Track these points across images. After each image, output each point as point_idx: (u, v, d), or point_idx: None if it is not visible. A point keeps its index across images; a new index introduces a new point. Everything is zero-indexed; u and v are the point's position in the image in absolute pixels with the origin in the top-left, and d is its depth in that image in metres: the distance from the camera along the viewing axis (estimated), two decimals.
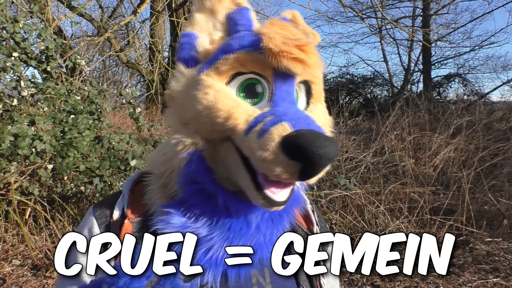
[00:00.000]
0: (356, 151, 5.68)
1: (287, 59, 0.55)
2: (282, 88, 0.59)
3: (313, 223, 0.76)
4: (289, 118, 0.53)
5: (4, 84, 3.35)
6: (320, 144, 0.49)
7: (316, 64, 0.58)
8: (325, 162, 0.50)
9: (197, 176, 0.61)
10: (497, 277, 2.87)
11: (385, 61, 12.68)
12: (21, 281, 2.82)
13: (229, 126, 0.57)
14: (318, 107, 0.67)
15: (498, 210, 3.82)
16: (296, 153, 0.49)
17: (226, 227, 0.60)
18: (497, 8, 10.99)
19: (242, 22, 0.65)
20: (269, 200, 0.55)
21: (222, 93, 0.58)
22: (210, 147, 0.62)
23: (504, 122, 6.66)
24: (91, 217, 0.69)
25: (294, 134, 0.50)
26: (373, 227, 3.73)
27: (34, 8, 3.63)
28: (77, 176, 3.33)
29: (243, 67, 0.59)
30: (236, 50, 0.59)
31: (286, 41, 0.55)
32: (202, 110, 0.59)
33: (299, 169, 0.51)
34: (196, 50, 0.65)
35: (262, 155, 0.52)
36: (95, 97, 3.55)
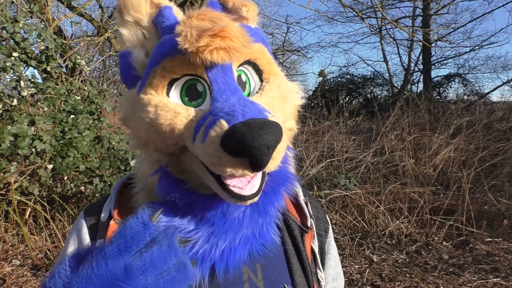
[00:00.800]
0: (356, 151, 5.68)
1: (208, 53, 0.52)
2: (218, 81, 0.57)
3: (306, 216, 0.74)
4: (225, 113, 0.52)
5: (4, 84, 3.35)
6: (254, 135, 0.47)
7: (242, 44, 0.54)
8: (265, 151, 0.48)
9: (169, 192, 0.61)
10: (497, 277, 2.87)
11: (385, 61, 12.69)
12: (21, 281, 2.82)
13: (177, 137, 0.57)
14: (271, 82, 0.64)
15: (498, 210, 3.82)
16: (236, 151, 0.48)
17: (209, 223, 0.61)
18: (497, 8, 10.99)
19: (166, 24, 0.62)
20: (238, 196, 0.54)
21: (160, 107, 0.57)
22: (174, 159, 0.62)
23: (504, 122, 6.66)
24: (81, 220, 0.70)
25: (229, 132, 0.49)
26: (373, 227, 3.73)
27: (34, 8, 3.63)
28: (77, 176, 3.33)
29: (174, 73, 0.58)
30: (160, 60, 0.58)
31: (201, 34, 0.52)
32: (149, 129, 0.59)
33: (248, 163, 0.49)
34: (133, 68, 0.64)
35: (208, 160, 0.52)
36: (95, 97, 3.55)
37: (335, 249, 0.82)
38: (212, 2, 0.67)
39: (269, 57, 0.66)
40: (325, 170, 4.95)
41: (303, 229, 0.72)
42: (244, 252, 0.62)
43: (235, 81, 0.59)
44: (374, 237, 3.59)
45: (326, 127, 6.76)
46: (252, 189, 0.55)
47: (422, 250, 3.39)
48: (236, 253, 0.61)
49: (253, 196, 0.55)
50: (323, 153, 5.58)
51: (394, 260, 3.24)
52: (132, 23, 0.65)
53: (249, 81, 0.63)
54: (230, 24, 0.55)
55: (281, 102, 0.63)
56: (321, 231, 0.78)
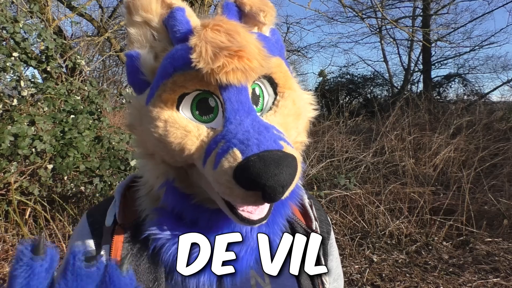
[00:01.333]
0: (356, 151, 5.68)
1: (225, 74, 0.50)
2: (232, 100, 0.54)
3: (311, 219, 0.74)
4: (239, 141, 0.49)
5: (4, 84, 3.35)
6: (270, 174, 0.46)
7: (260, 64, 0.52)
8: (280, 190, 0.47)
9: (175, 206, 0.61)
10: (497, 277, 2.87)
11: (385, 61, 12.69)
12: None
13: (186, 157, 0.55)
14: (286, 97, 0.61)
15: (498, 210, 3.82)
16: (250, 185, 0.47)
17: (218, 233, 0.60)
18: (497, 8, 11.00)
19: (177, 28, 0.58)
20: (247, 221, 0.54)
21: (170, 122, 0.55)
22: (181, 173, 0.61)
23: (504, 122, 6.66)
24: (85, 224, 0.69)
25: (244, 165, 0.47)
26: (373, 227, 3.73)
27: (34, 8, 3.63)
28: (77, 176, 3.34)
29: (185, 88, 0.55)
30: (172, 73, 0.55)
31: (217, 53, 0.49)
32: (157, 144, 0.57)
33: (261, 196, 0.48)
34: (141, 72, 0.61)
35: (220, 189, 0.51)
36: (95, 97, 3.55)
37: (336, 251, 0.83)
38: (228, 4, 0.64)
39: (286, 69, 0.63)
40: (325, 170, 4.95)
41: (308, 232, 0.71)
42: (251, 259, 0.62)
43: (250, 100, 0.56)
44: (374, 237, 3.59)
45: (326, 127, 6.76)
46: (261, 214, 0.55)
47: (422, 250, 3.39)
48: (244, 261, 0.61)
49: (262, 220, 0.55)
50: (323, 153, 5.58)
51: (394, 260, 3.24)
52: (141, 23, 0.62)
53: (263, 95, 0.61)
54: (248, 41, 0.52)
55: (295, 119, 0.61)
56: (324, 233, 0.78)
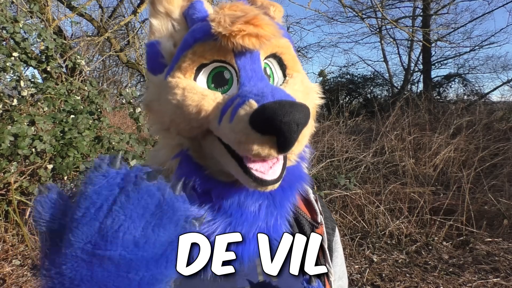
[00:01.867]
0: (356, 151, 5.68)
1: (240, 38, 0.54)
2: (246, 68, 0.58)
3: (316, 212, 0.75)
4: (254, 95, 0.53)
5: (4, 84, 3.35)
6: (284, 111, 0.48)
7: (272, 33, 0.56)
8: (294, 128, 0.49)
9: (188, 176, 0.60)
10: (497, 277, 2.87)
11: (385, 61, 12.69)
12: (21, 281, 2.82)
13: (203, 119, 0.58)
14: (295, 77, 0.65)
15: (498, 210, 3.82)
16: (265, 127, 0.49)
17: (228, 213, 0.61)
18: (497, 8, 10.99)
19: (196, 15, 0.64)
20: (260, 181, 0.54)
21: (188, 89, 0.58)
22: (195, 144, 0.64)
23: (504, 122, 6.66)
24: None
25: (260, 109, 0.49)
26: (373, 227, 3.73)
27: (34, 8, 3.64)
28: (77, 176, 3.34)
29: (204, 58, 0.59)
30: (192, 44, 0.59)
31: (235, 20, 0.54)
32: (175, 111, 0.60)
33: (275, 142, 0.50)
34: (161, 56, 0.65)
35: (236, 138, 0.52)
36: (95, 97, 3.55)
37: (341, 248, 0.84)
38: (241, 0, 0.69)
39: (294, 54, 0.67)
40: (325, 170, 4.95)
41: (313, 225, 0.73)
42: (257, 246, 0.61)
43: (262, 70, 0.60)
44: (374, 237, 3.59)
45: (326, 127, 6.76)
46: (274, 175, 0.55)
47: (422, 250, 3.39)
48: (250, 246, 0.61)
49: (274, 182, 0.55)
50: (323, 153, 5.58)
51: (394, 260, 3.24)
52: (163, 14, 0.67)
53: (273, 75, 0.65)
54: (262, 14, 0.57)
55: (304, 96, 0.64)
56: (329, 229, 0.79)
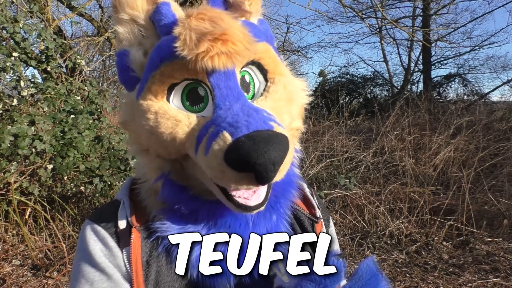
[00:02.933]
0: (356, 151, 5.68)
1: (210, 59, 0.50)
2: (221, 86, 0.55)
3: (314, 207, 0.74)
4: (228, 124, 0.50)
5: (4, 84, 3.35)
6: (259, 153, 0.45)
7: (245, 47, 0.52)
8: (271, 168, 0.46)
9: (173, 199, 0.60)
10: (497, 277, 2.87)
11: (385, 61, 12.69)
12: (21, 281, 2.82)
13: (179, 146, 0.55)
14: (277, 82, 0.61)
15: (498, 210, 3.82)
16: (241, 166, 0.47)
17: (226, 225, 0.60)
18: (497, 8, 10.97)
19: (163, 22, 0.59)
20: (244, 207, 0.53)
21: (160, 114, 0.55)
22: (177, 165, 0.61)
23: (504, 122, 6.66)
24: (97, 228, 0.65)
25: (233, 146, 0.47)
26: (373, 227, 3.73)
27: (34, 8, 3.63)
28: (77, 176, 3.34)
29: (173, 78, 0.55)
30: (159, 64, 0.55)
31: (201, 38, 0.49)
32: (149, 137, 0.57)
33: (254, 177, 0.48)
34: (131, 70, 0.61)
35: (212, 173, 0.50)
36: (95, 97, 3.55)
37: (335, 236, 0.84)
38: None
39: (274, 55, 0.63)
40: (325, 170, 4.95)
41: (313, 220, 0.73)
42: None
43: (239, 85, 0.56)
44: (374, 237, 3.59)
45: (326, 127, 6.76)
46: (258, 199, 0.54)
47: (422, 250, 3.39)
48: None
49: (259, 206, 0.54)
50: (323, 153, 5.58)
51: (394, 260, 3.24)
52: (128, 20, 0.62)
53: (253, 82, 0.61)
54: (231, 26, 0.52)
55: (287, 103, 0.61)
56: (325, 220, 0.79)
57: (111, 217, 0.66)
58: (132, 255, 0.61)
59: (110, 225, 0.65)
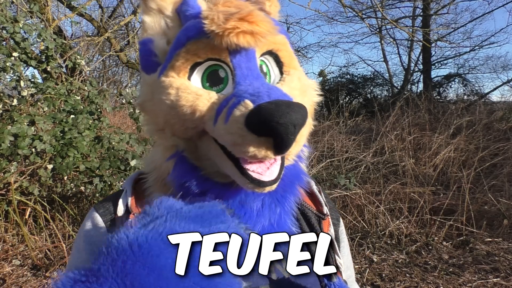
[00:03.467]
0: (356, 151, 5.68)
1: (234, 36, 0.52)
2: (242, 66, 0.57)
3: (321, 204, 0.74)
4: (250, 94, 0.51)
5: (4, 84, 3.35)
6: (281, 113, 0.47)
7: (267, 30, 0.55)
8: (291, 130, 0.47)
9: (184, 178, 0.60)
10: (497, 277, 2.87)
11: (385, 61, 12.68)
12: (21, 281, 2.82)
13: (197, 120, 0.56)
14: (292, 74, 0.63)
15: (498, 210, 3.82)
16: (261, 129, 0.48)
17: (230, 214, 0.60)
18: (497, 8, 10.98)
19: (190, 12, 0.62)
20: (257, 182, 0.53)
21: (182, 89, 0.57)
22: (191, 145, 0.62)
23: (504, 122, 6.66)
24: (94, 213, 0.68)
25: (255, 110, 0.48)
26: (373, 227, 3.73)
27: (34, 8, 3.63)
28: (77, 176, 3.34)
29: (197, 57, 0.57)
30: (185, 42, 0.57)
31: (228, 17, 0.52)
32: (169, 111, 0.58)
33: (272, 143, 0.49)
34: (154, 54, 0.63)
35: (231, 139, 0.51)
36: (95, 97, 3.55)
37: (346, 238, 0.83)
38: None
39: (291, 50, 0.65)
40: (325, 170, 4.95)
41: (320, 217, 0.72)
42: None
43: (258, 68, 0.58)
44: (374, 237, 3.59)
45: (326, 127, 6.76)
46: (271, 176, 0.54)
47: (422, 250, 3.39)
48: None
49: (272, 182, 0.54)
50: (323, 153, 5.58)
51: (394, 260, 3.24)
52: (155, 10, 0.65)
53: (269, 73, 0.63)
54: (257, 10, 0.55)
55: (301, 94, 0.63)
56: (334, 219, 0.78)
57: (111, 204, 0.68)
58: None
59: (108, 211, 0.67)
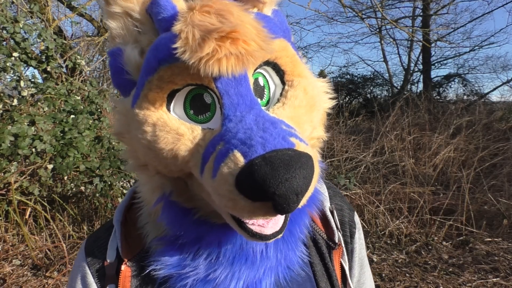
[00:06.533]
0: (356, 151, 5.69)
1: (217, 63, 0.41)
2: (230, 93, 0.46)
3: (333, 230, 0.64)
4: (240, 141, 0.41)
5: (4, 84, 3.35)
6: (279, 180, 0.37)
7: (260, 46, 0.43)
8: (293, 198, 0.39)
9: (174, 225, 0.53)
10: (497, 277, 2.87)
11: (385, 61, 12.68)
12: (21, 281, 2.82)
13: (182, 165, 0.47)
14: (296, 86, 0.52)
15: (498, 210, 3.83)
16: (256, 195, 0.39)
17: (229, 262, 0.52)
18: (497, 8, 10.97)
19: (162, 15, 0.49)
20: (259, 236, 0.45)
21: (159, 126, 0.46)
22: (179, 184, 0.53)
23: (504, 122, 6.66)
24: (83, 263, 0.61)
25: (247, 170, 0.39)
26: (373, 227, 3.73)
27: (34, 8, 3.64)
28: (77, 176, 3.34)
29: (174, 84, 0.46)
30: (157, 68, 0.46)
31: (206, 37, 0.41)
32: (147, 152, 0.49)
33: (272, 207, 0.39)
34: (126, 71, 0.51)
35: (222, 202, 0.42)
36: (95, 97, 3.56)
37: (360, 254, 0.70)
38: None
39: (292, 53, 0.53)
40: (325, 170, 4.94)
41: (330, 246, 0.64)
42: (270, 282, 0.54)
43: (251, 91, 0.47)
44: (374, 237, 3.59)
45: (326, 127, 6.75)
46: (275, 227, 0.47)
47: (422, 250, 3.39)
48: (261, 285, 0.54)
49: (276, 234, 0.46)
50: (323, 153, 5.58)
51: (394, 260, 3.24)
52: (121, 14, 0.52)
53: (268, 85, 0.52)
54: (243, 20, 0.43)
55: (308, 111, 0.52)
56: (347, 237, 0.68)
57: (100, 248, 0.61)
58: None
59: (97, 259, 0.60)
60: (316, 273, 0.61)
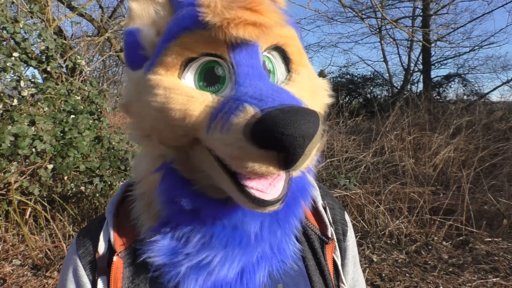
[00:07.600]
0: (356, 151, 5.69)
1: (235, 28, 0.44)
2: (243, 63, 0.48)
3: (326, 225, 0.65)
4: (251, 97, 0.43)
5: (4, 84, 3.35)
6: (288, 122, 0.38)
7: (275, 21, 0.46)
8: (300, 142, 0.39)
9: (173, 193, 0.53)
10: (496, 277, 2.87)
11: (385, 61, 12.70)
12: (21, 281, 2.82)
13: (189, 126, 0.48)
14: (301, 72, 0.55)
15: (498, 210, 3.83)
16: (263, 140, 0.40)
17: (222, 244, 0.52)
18: (497, 8, 11.00)
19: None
20: (258, 201, 0.45)
21: (172, 89, 0.48)
22: (181, 155, 0.54)
23: (504, 122, 6.67)
24: (74, 256, 0.61)
25: (257, 118, 0.40)
26: (373, 227, 3.73)
27: (34, 8, 3.64)
28: (77, 176, 3.34)
29: (191, 51, 0.48)
30: (178, 34, 0.48)
31: (230, 5, 0.44)
32: (156, 116, 0.49)
33: (276, 158, 0.41)
34: (141, 47, 0.54)
35: (227, 151, 0.43)
36: (95, 97, 3.56)
37: (353, 253, 0.72)
38: None
39: (300, 45, 0.56)
40: (325, 170, 4.96)
41: (323, 240, 0.65)
42: (264, 274, 0.55)
43: (261, 66, 0.50)
44: (374, 237, 3.59)
45: (325, 127, 6.76)
46: (275, 193, 0.46)
47: (422, 250, 3.39)
48: (255, 275, 0.54)
49: (275, 202, 0.46)
50: (323, 153, 5.57)
51: (394, 260, 3.24)
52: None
53: (274, 71, 0.54)
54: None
55: (311, 95, 0.54)
56: (340, 235, 0.70)
57: (93, 240, 0.61)
58: (112, 283, 0.56)
59: (88, 252, 0.60)
60: (309, 268, 0.62)
